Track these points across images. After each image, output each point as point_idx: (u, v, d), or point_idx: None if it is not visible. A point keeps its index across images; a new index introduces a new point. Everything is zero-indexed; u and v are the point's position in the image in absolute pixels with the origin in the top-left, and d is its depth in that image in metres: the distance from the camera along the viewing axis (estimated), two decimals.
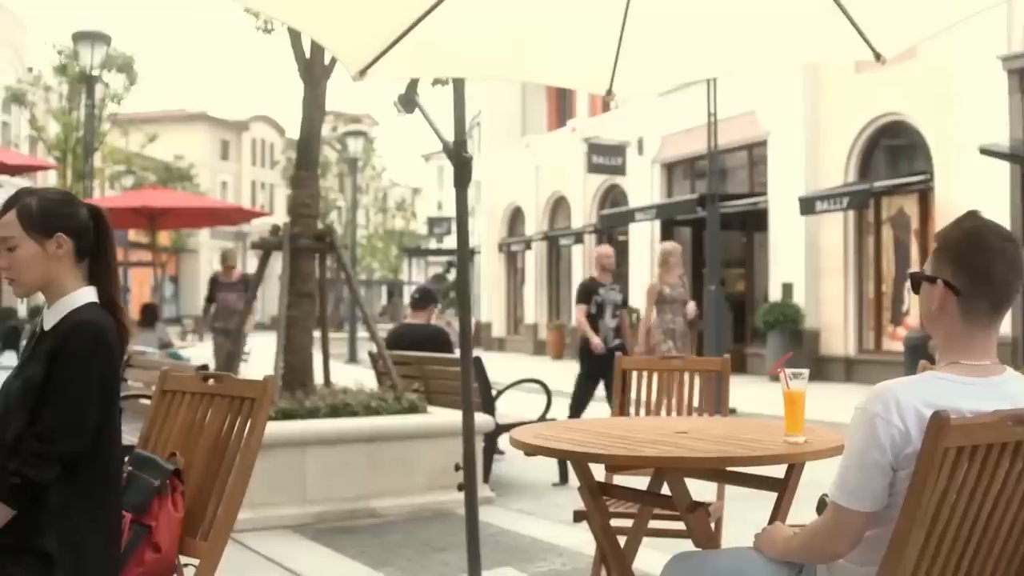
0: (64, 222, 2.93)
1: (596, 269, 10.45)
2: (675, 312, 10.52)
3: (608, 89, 4.86)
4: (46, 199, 2.96)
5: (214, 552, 3.10)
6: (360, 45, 4.24)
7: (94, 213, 3.00)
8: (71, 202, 3.00)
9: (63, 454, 2.76)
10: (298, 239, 7.68)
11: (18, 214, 2.91)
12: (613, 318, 10.16)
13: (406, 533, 6.50)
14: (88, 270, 2.99)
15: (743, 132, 20.98)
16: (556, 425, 3.82)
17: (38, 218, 2.91)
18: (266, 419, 3.20)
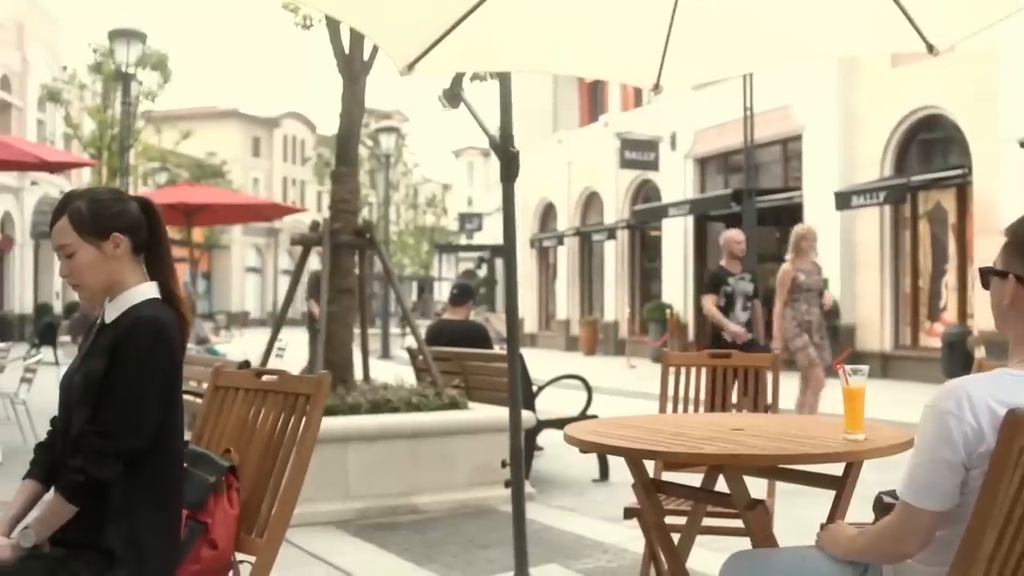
0: (117, 221, 2.91)
1: (724, 256, 9.67)
2: (810, 302, 9.52)
3: (656, 83, 4.82)
4: (95, 200, 2.93)
5: (270, 549, 3.09)
6: (408, 40, 4.21)
7: (144, 206, 2.98)
8: (121, 199, 2.97)
9: (124, 451, 2.74)
10: (338, 235, 7.67)
11: (70, 219, 2.89)
12: (744, 311, 9.45)
13: (449, 529, 6.48)
14: (146, 263, 2.98)
15: (777, 126, 20.85)
16: (608, 422, 3.78)
17: (91, 221, 2.88)
18: (321, 416, 3.19)
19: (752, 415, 4.24)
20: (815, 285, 9.57)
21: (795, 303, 9.48)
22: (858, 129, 19.42)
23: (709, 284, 9.54)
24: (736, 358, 4.89)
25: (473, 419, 7.30)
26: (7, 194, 34.31)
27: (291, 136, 67.46)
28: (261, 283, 64.57)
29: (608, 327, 28.24)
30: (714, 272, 9.75)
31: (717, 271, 9.72)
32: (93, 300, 3.01)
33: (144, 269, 2.97)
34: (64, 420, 2.92)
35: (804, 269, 9.60)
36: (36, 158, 9.74)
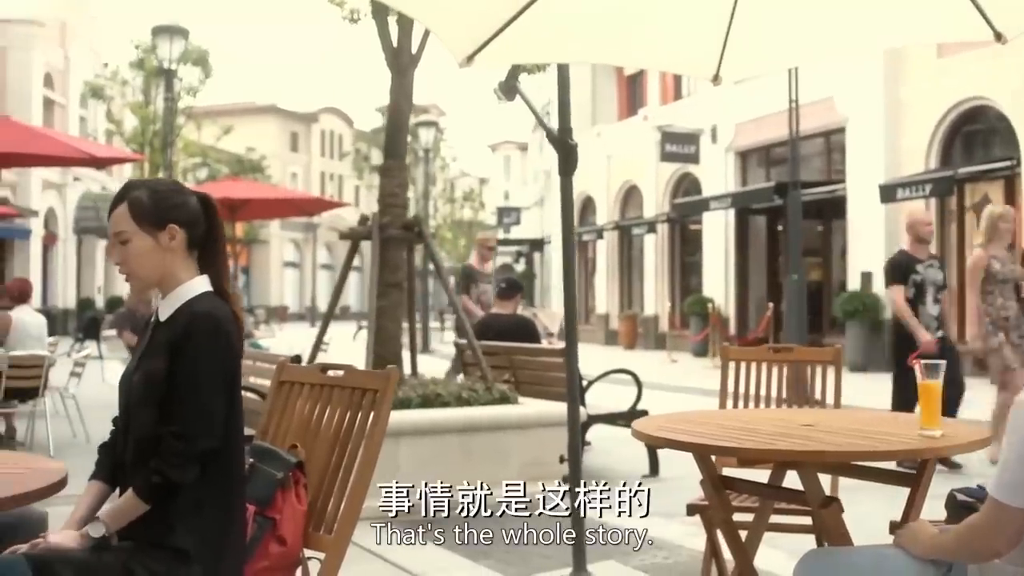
0: (175, 213, 2.89)
1: (908, 241, 8.53)
2: (1006, 295, 8.19)
3: (715, 74, 4.77)
4: (156, 190, 2.92)
5: (339, 546, 3.07)
6: (467, 32, 4.19)
7: (204, 201, 2.96)
8: (181, 191, 2.96)
9: (202, 452, 2.73)
10: (387, 229, 7.65)
11: (129, 207, 2.88)
12: (935, 303, 8.26)
13: (501, 524, 6.43)
14: (200, 259, 2.95)
15: (820, 118, 20.66)
16: (674, 417, 3.73)
17: (150, 210, 2.87)
18: (389, 411, 3.16)
19: (820, 411, 4.17)
20: (1012, 275, 8.23)
21: (988, 295, 8.19)
22: (903, 121, 19.21)
23: (895, 272, 8.30)
24: (798, 352, 4.82)
25: (524, 414, 7.27)
26: (51, 190, 34.63)
27: (329, 131, 67.69)
28: (299, 278, 64.84)
29: (648, 321, 28.13)
30: (899, 259, 8.43)
31: (902, 257, 8.39)
32: (142, 292, 3.00)
33: (197, 265, 2.95)
34: (124, 420, 2.91)
35: (999, 256, 8.24)
36: (86, 154, 9.80)
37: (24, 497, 2.18)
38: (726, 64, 4.69)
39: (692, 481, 7.97)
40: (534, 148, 46.50)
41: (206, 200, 2.97)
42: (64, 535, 2.68)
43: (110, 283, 40.66)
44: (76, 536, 2.69)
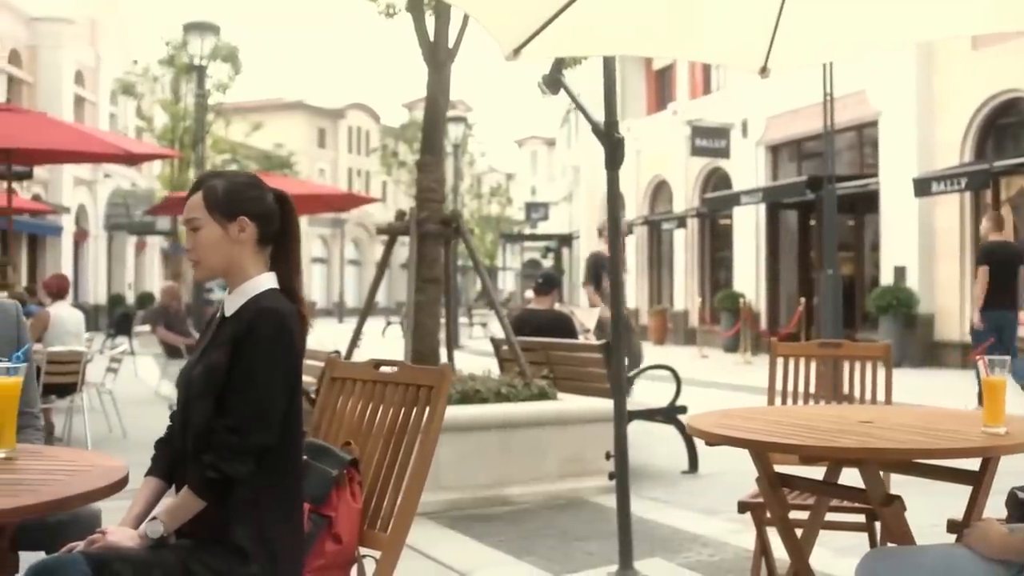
0: (248, 206, 2.87)
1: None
2: None
3: (763, 66, 4.71)
4: (232, 182, 2.91)
5: (395, 543, 3.05)
6: (515, 24, 4.15)
7: (280, 198, 2.94)
8: (258, 186, 2.94)
9: (256, 447, 2.70)
10: (425, 224, 7.63)
11: (203, 195, 2.87)
12: None
13: (542, 521, 6.41)
14: (271, 256, 2.93)
15: (853, 112, 20.48)
16: (730, 413, 3.68)
17: (223, 201, 2.86)
18: (445, 407, 3.13)
19: (876, 407, 4.11)
20: None
21: None
22: (937, 114, 19.04)
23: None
24: (847, 348, 4.76)
25: (563, 410, 7.23)
26: (82, 187, 34.84)
27: (356, 127, 67.81)
28: (327, 273, 65.03)
29: (678, 316, 28.03)
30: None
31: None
32: (206, 279, 3.00)
33: (267, 260, 2.93)
34: (183, 413, 2.89)
35: None
36: (123, 150, 9.83)
37: (90, 495, 2.15)
38: (774, 56, 4.62)
39: (731, 477, 7.97)
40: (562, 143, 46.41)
41: (283, 198, 2.94)
42: (123, 534, 2.66)
43: (140, 279, 40.91)
44: (134, 535, 2.67)
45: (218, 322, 2.94)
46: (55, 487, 2.17)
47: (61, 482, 2.23)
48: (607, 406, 7.42)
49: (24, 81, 31.36)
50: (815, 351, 4.78)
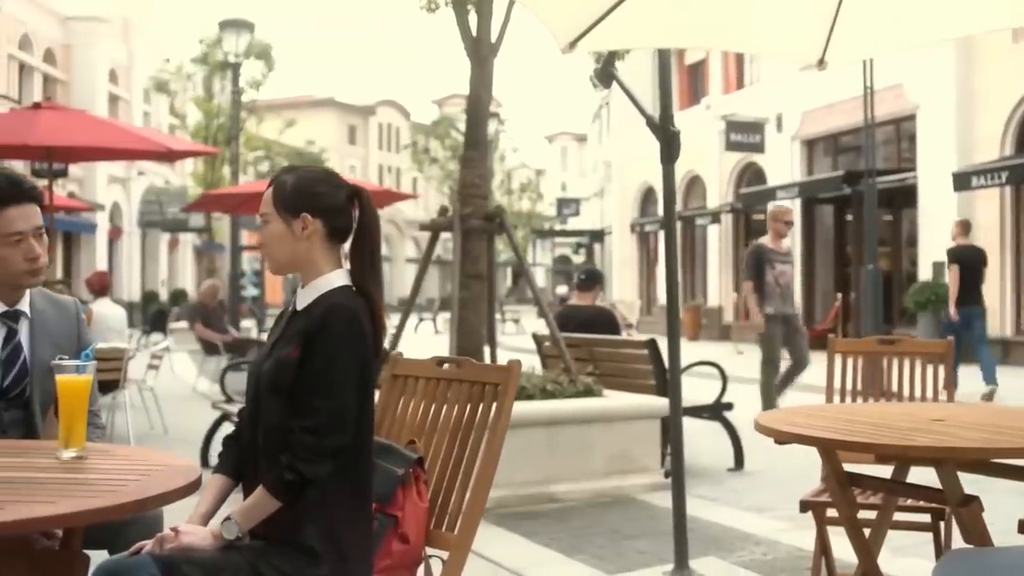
0: (314, 202, 2.83)
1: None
2: None
3: (820, 58, 4.64)
4: (301, 177, 2.87)
5: (463, 543, 3.00)
6: (572, 17, 4.11)
7: (356, 194, 2.90)
8: (328, 181, 2.89)
9: (334, 448, 2.67)
10: (468, 220, 7.58)
11: (274, 190, 2.85)
12: None
13: (590, 519, 6.36)
14: (349, 252, 2.89)
15: (890, 106, 20.31)
16: (798, 411, 3.61)
17: (289, 196, 2.83)
18: (512, 405, 3.09)
19: (944, 405, 4.03)
20: None
21: None
22: (976, 107, 18.84)
23: None
24: (907, 345, 4.68)
25: (609, 407, 7.17)
26: (116, 184, 35.04)
27: (386, 124, 67.94)
28: None
29: (712, 312, 27.90)
30: None
31: None
32: (277, 273, 2.96)
33: (340, 256, 2.89)
34: (252, 409, 2.85)
35: None
36: (163, 147, 9.84)
37: (167, 496, 2.11)
38: (832, 48, 4.55)
39: (777, 475, 7.90)
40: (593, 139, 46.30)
41: (359, 193, 2.89)
42: (195, 534, 2.63)
43: (173, 276, 41.13)
44: (207, 535, 2.64)
45: (288, 316, 2.91)
46: (133, 488, 2.13)
47: (138, 483, 2.19)
48: (653, 403, 7.40)
49: (59, 80, 31.57)
50: (873, 348, 4.70)
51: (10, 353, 3.27)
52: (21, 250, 3.22)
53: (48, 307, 3.44)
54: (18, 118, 9.91)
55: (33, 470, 2.39)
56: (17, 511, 1.92)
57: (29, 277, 3.27)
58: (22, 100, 27.11)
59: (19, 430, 3.29)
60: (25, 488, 2.20)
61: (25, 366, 3.29)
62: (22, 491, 2.16)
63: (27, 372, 3.29)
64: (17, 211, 3.22)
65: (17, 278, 3.25)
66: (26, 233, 3.22)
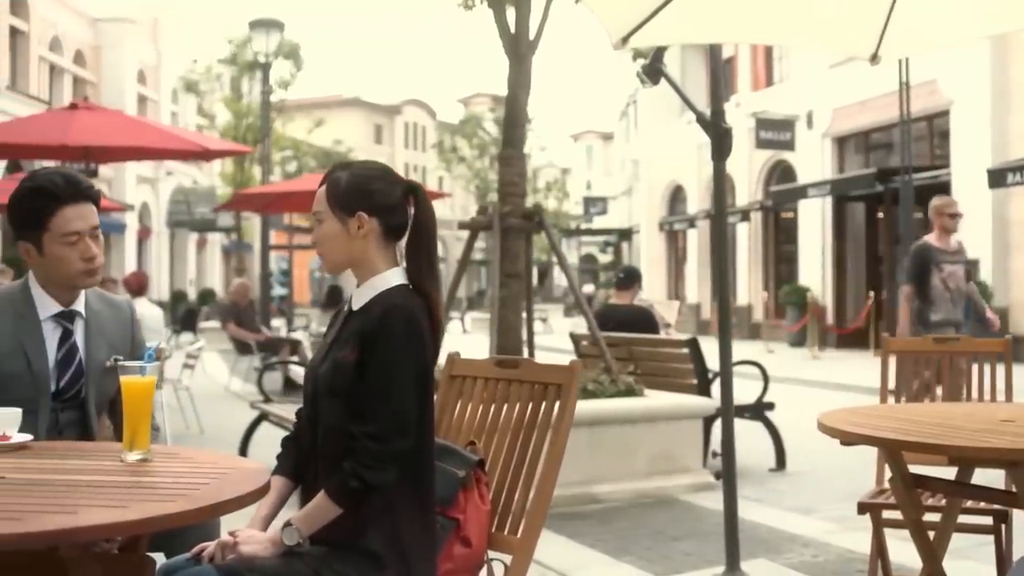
0: (369, 200, 2.76)
1: None
2: None
3: (874, 53, 4.56)
4: (356, 175, 2.80)
5: (527, 546, 2.95)
6: (625, 12, 4.05)
7: (413, 191, 2.84)
8: (383, 178, 2.82)
9: (397, 453, 2.62)
10: (507, 218, 7.53)
11: (328, 188, 2.78)
12: None
13: (634, 520, 6.30)
14: (405, 249, 2.84)
15: (923, 102, 20.11)
16: (860, 411, 3.54)
17: (343, 194, 2.76)
18: (575, 405, 3.03)
19: (1010, 405, 3.95)
20: None
21: None
22: (1012, 102, 18.65)
23: None
24: (963, 343, 4.60)
25: (651, 406, 7.10)
26: (144, 184, 35.18)
27: (412, 123, 67.97)
28: None
29: (741, 311, 27.74)
30: None
31: None
32: (332, 272, 2.90)
33: (397, 254, 2.84)
34: (311, 410, 2.81)
35: None
36: (199, 146, 9.84)
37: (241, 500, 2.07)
38: (887, 43, 4.47)
39: (819, 475, 7.84)
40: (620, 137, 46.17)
41: (414, 190, 2.83)
42: (256, 540, 2.58)
43: (202, 276, 41.27)
44: (267, 541, 2.59)
45: (344, 316, 2.86)
46: (206, 492, 2.09)
47: (209, 487, 2.15)
48: (696, 403, 7.34)
49: (88, 81, 31.71)
50: (930, 347, 4.62)
51: (66, 354, 3.24)
52: (78, 250, 3.18)
53: (103, 307, 3.40)
54: (55, 119, 9.93)
55: (99, 473, 2.36)
56: (92, 516, 1.88)
57: (85, 278, 3.23)
58: (52, 101, 27.25)
59: (75, 431, 3.27)
60: (94, 492, 2.16)
61: (81, 367, 3.26)
62: (92, 495, 2.12)
63: (83, 373, 3.26)
64: (74, 210, 3.18)
65: (73, 279, 3.22)
66: (83, 233, 3.18)
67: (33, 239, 3.19)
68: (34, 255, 3.20)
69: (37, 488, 2.18)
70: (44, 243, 3.17)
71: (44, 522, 1.81)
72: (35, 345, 3.20)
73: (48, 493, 2.13)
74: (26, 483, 2.22)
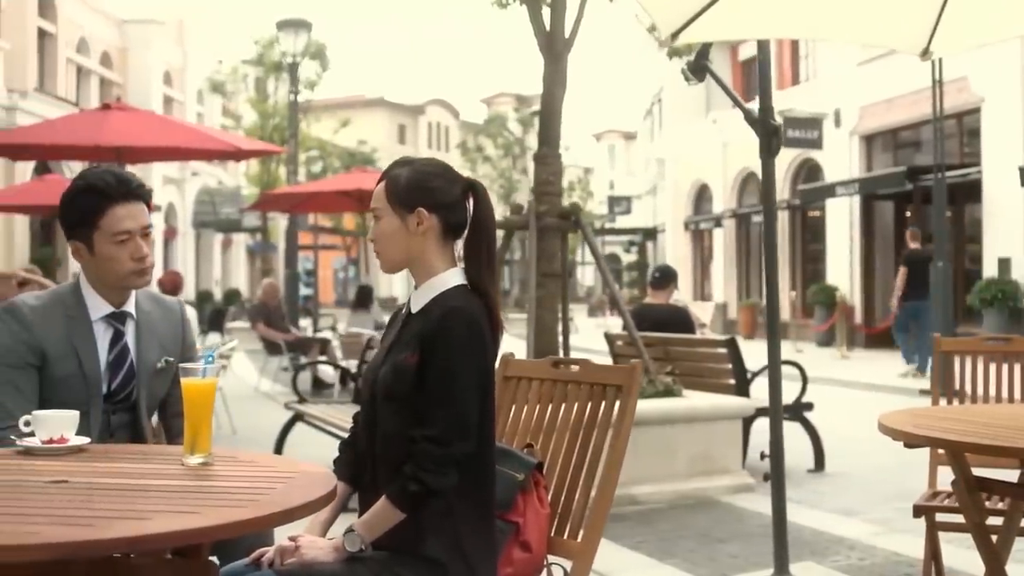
0: (429, 197, 2.72)
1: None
2: None
3: (925, 48, 4.49)
4: (416, 171, 2.75)
5: (588, 552, 2.91)
6: (676, 8, 4.00)
7: (472, 189, 2.79)
8: (443, 176, 2.77)
9: (458, 456, 2.57)
10: (544, 217, 7.48)
11: (387, 185, 2.74)
12: None
13: (676, 522, 6.24)
14: (464, 249, 2.79)
15: (953, 99, 19.88)
16: (920, 412, 3.48)
17: (403, 191, 2.72)
18: (635, 407, 2.98)
19: None
20: None
21: None
22: None
23: None
24: (1017, 343, 4.52)
25: (691, 407, 7.04)
26: (170, 185, 35.28)
27: (435, 123, 67.95)
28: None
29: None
30: None
31: None
32: (389, 271, 2.85)
33: (455, 254, 2.79)
34: (368, 414, 2.77)
35: None
36: (233, 147, 9.83)
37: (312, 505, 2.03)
38: (939, 38, 4.40)
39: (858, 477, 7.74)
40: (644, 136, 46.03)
41: (475, 188, 2.78)
42: (317, 547, 2.54)
43: (227, 276, 41.38)
44: (329, 547, 2.55)
45: (403, 319, 2.81)
46: (275, 497, 2.04)
47: (277, 491, 2.10)
48: (735, 403, 7.28)
49: (115, 82, 31.82)
50: (982, 347, 4.54)
51: (117, 356, 3.22)
52: (128, 249, 3.15)
53: (154, 308, 3.38)
54: (88, 119, 9.94)
55: (163, 477, 2.32)
56: (166, 523, 1.84)
57: (136, 278, 3.20)
58: (79, 103, 27.35)
59: (126, 433, 3.24)
60: (162, 497, 2.12)
61: (132, 369, 3.23)
62: (160, 500, 2.08)
63: (134, 375, 3.23)
64: (124, 209, 3.15)
65: (124, 279, 3.18)
66: (133, 232, 3.15)
67: (84, 238, 3.16)
68: (85, 254, 3.18)
69: (102, 492, 2.14)
70: (95, 242, 3.15)
71: (118, 529, 1.77)
72: (87, 347, 3.17)
73: (114, 498, 2.09)
74: (89, 487, 2.19)
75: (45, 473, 2.29)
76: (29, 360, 3.10)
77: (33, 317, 3.14)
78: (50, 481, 2.22)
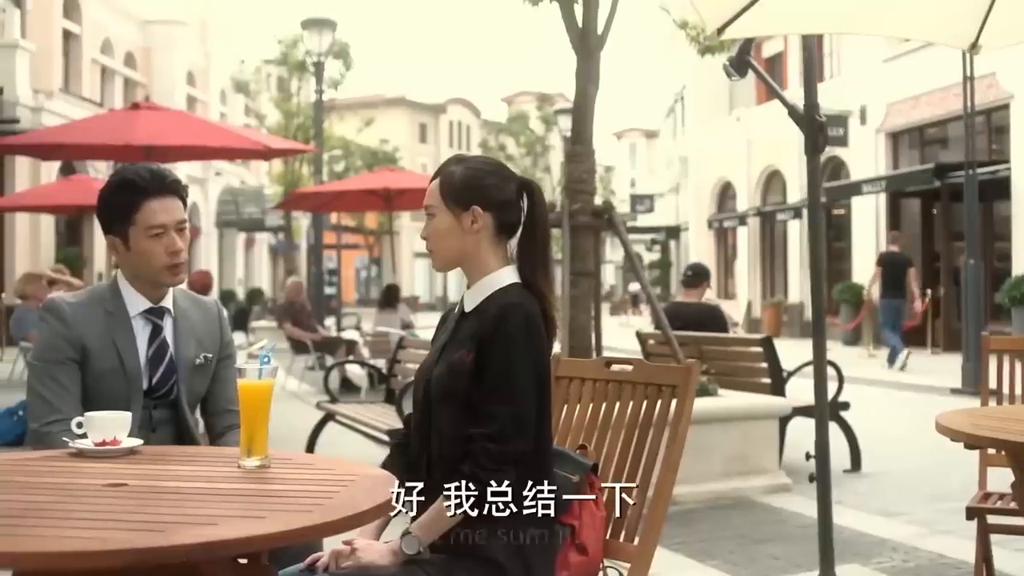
0: (484, 195, 2.70)
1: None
2: None
3: (974, 42, 4.43)
4: (471, 168, 2.74)
5: (645, 555, 2.85)
6: (724, 2, 3.94)
7: (526, 187, 2.75)
8: (498, 173, 2.75)
9: (516, 455, 2.53)
10: (577, 216, 7.42)
11: (441, 182, 2.73)
12: None
13: (714, 523, 6.18)
14: (518, 248, 2.75)
15: (981, 96, 19.63)
16: (978, 413, 3.43)
17: (458, 188, 2.70)
18: (692, 408, 2.93)
19: None
20: None
21: None
22: None
23: None
24: None
25: (727, 407, 6.98)
26: (193, 185, 35.35)
27: (456, 122, 68.02)
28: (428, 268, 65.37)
29: (792, 309, 27.45)
30: None
31: None
32: (441, 269, 2.82)
33: (508, 253, 2.75)
34: (422, 415, 2.73)
35: None
36: (263, 146, 9.83)
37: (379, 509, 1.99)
38: (988, 31, 4.34)
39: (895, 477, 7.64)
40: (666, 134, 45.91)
41: (528, 187, 2.75)
42: (373, 550, 2.50)
43: (250, 275, 41.48)
44: (386, 550, 2.51)
45: (456, 318, 2.78)
46: (339, 501, 2.00)
47: (341, 495, 2.06)
48: (771, 403, 7.21)
49: (139, 83, 31.94)
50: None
51: (156, 351, 3.22)
52: (163, 243, 3.16)
53: (191, 306, 3.38)
54: (118, 119, 9.96)
55: (222, 480, 2.28)
56: (235, 528, 1.80)
57: (169, 273, 3.20)
58: (104, 103, 27.45)
59: (169, 428, 3.24)
60: (225, 501, 2.09)
61: (172, 364, 3.22)
62: (224, 505, 2.05)
63: (174, 370, 3.22)
64: (159, 204, 3.16)
65: (158, 274, 3.19)
66: (168, 226, 3.17)
67: (120, 233, 3.18)
68: (121, 249, 3.20)
69: (163, 497, 2.11)
70: (130, 237, 3.17)
71: (188, 534, 1.73)
72: (126, 342, 3.18)
73: (177, 502, 2.06)
74: (150, 491, 2.16)
75: (100, 476, 2.26)
76: (70, 355, 3.12)
77: (73, 313, 3.16)
78: (107, 484, 2.18)
